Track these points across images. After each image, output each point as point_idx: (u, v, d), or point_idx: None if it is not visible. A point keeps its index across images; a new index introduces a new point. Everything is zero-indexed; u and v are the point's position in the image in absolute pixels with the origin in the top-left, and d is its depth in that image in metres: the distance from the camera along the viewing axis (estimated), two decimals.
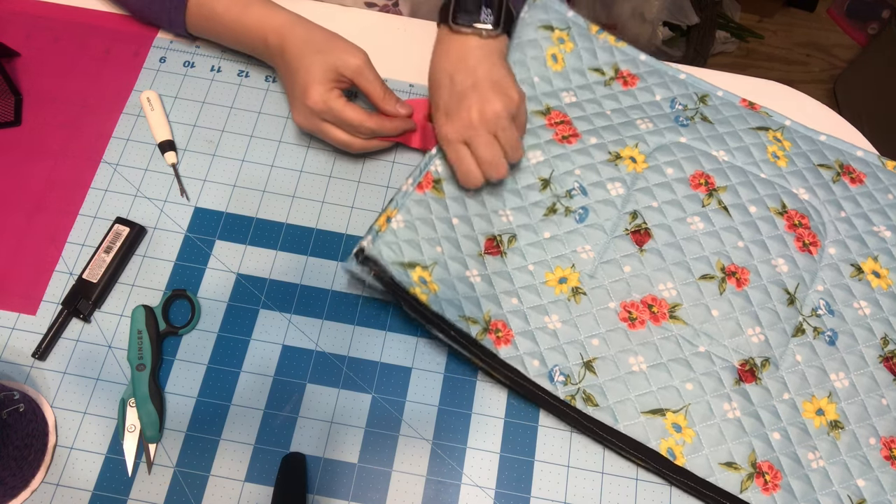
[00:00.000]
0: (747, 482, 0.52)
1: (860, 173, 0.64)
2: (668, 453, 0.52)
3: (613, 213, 0.60)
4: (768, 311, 0.57)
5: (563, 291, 0.57)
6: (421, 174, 0.59)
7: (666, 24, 1.62)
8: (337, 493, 0.52)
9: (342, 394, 0.55)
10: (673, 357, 0.55)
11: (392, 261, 0.54)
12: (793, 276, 0.59)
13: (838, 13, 1.87)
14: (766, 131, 0.65)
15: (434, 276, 0.55)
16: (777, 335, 0.56)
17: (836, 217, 0.62)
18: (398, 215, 0.56)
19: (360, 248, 0.54)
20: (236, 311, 0.57)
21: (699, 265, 0.58)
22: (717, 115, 0.65)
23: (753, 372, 0.55)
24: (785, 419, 0.54)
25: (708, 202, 0.60)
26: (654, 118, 0.64)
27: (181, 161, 0.62)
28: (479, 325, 0.54)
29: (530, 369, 0.54)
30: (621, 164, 0.61)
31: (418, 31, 0.70)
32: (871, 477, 0.53)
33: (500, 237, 0.58)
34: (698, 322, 0.56)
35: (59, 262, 0.58)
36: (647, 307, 0.56)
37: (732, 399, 0.54)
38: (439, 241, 0.57)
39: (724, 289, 0.57)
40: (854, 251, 0.61)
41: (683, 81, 0.67)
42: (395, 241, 0.55)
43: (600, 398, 0.53)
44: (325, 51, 0.57)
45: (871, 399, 0.56)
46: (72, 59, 0.66)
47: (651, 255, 0.58)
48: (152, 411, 0.52)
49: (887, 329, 0.58)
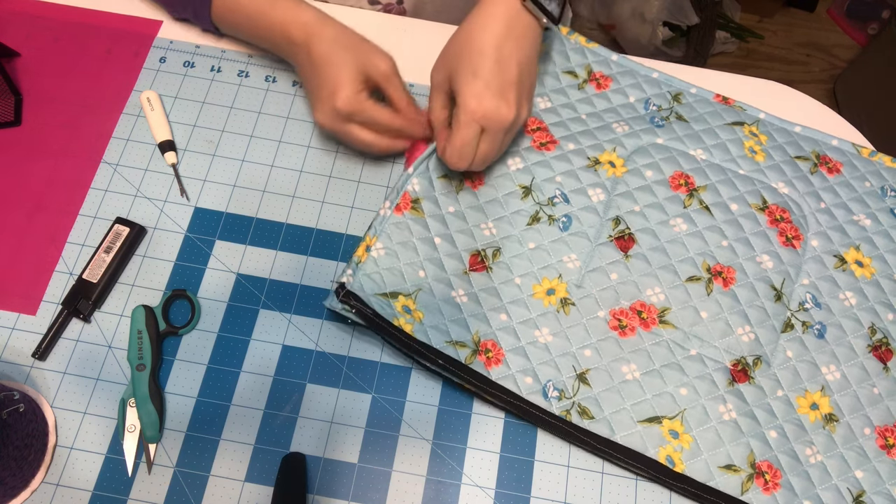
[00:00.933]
0: (748, 483, 0.52)
1: (837, 162, 0.65)
2: (666, 461, 0.52)
3: (596, 220, 0.59)
4: (756, 309, 0.57)
5: (551, 303, 0.56)
6: (398, 195, 0.58)
7: (666, 24, 1.62)
8: (337, 493, 0.52)
9: (342, 394, 0.55)
10: (665, 362, 0.55)
11: (374, 293, 0.54)
12: (778, 272, 0.59)
13: (838, 13, 1.87)
14: (742, 126, 0.65)
15: (418, 302, 0.54)
16: (766, 332, 0.57)
17: (817, 209, 0.62)
18: (377, 243, 0.56)
19: (341, 284, 0.53)
20: (236, 311, 0.57)
21: (685, 267, 0.58)
22: (692, 113, 0.65)
23: (746, 371, 0.55)
24: (780, 416, 0.54)
25: (689, 203, 0.60)
26: (630, 120, 0.64)
27: (181, 161, 0.62)
28: (468, 347, 0.54)
29: (523, 387, 0.53)
30: (600, 169, 0.61)
31: (418, 31, 0.70)
32: (868, 467, 0.54)
33: (484, 252, 0.58)
34: (688, 325, 0.56)
35: (59, 262, 0.58)
36: (636, 313, 0.56)
37: (727, 400, 0.54)
38: (422, 264, 0.56)
39: (712, 289, 0.57)
40: (836, 242, 0.61)
41: (657, 80, 0.67)
42: (376, 270, 0.55)
43: (595, 410, 0.53)
44: (355, 52, 0.56)
45: (863, 389, 0.56)
46: (72, 59, 0.66)
47: (637, 261, 0.58)
48: (152, 411, 0.52)
49: (874, 318, 0.58)
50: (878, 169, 0.65)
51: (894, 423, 0.55)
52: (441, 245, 0.57)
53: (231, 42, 0.68)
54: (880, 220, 0.63)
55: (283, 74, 0.67)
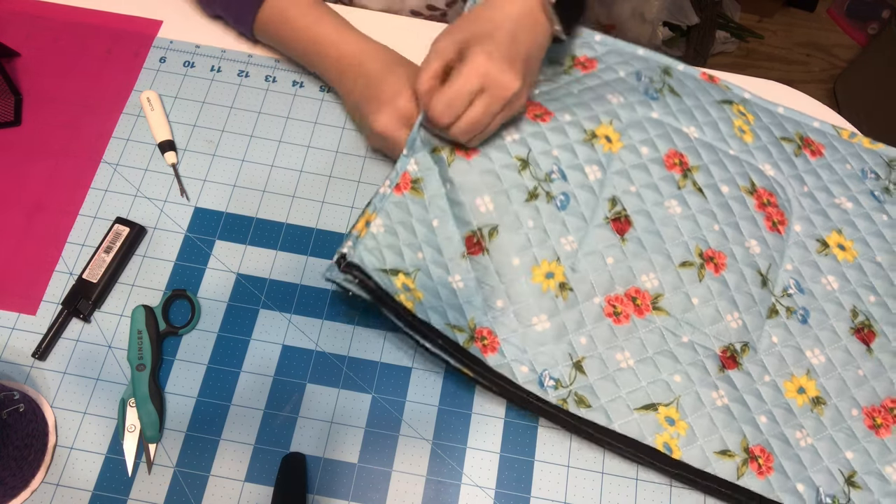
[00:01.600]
0: (742, 468, 0.52)
1: (819, 145, 0.65)
2: (664, 448, 0.52)
3: (591, 199, 0.58)
4: (744, 295, 0.57)
5: (550, 287, 0.55)
6: (398, 175, 0.56)
7: (666, 24, 1.62)
8: (337, 493, 0.52)
9: (342, 394, 0.55)
10: (658, 350, 0.55)
11: (374, 267, 0.52)
12: (764, 257, 0.59)
13: (838, 13, 1.87)
14: (731, 105, 0.65)
15: (417, 283, 0.54)
16: (753, 318, 0.57)
17: (800, 192, 0.62)
18: (377, 219, 0.54)
19: (342, 254, 0.51)
20: (236, 311, 0.57)
21: (678, 251, 0.58)
22: (683, 88, 0.65)
23: (734, 358, 0.56)
24: (769, 401, 0.55)
25: (683, 184, 0.60)
26: (624, 92, 0.63)
27: (181, 161, 0.62)
28: (465, 332, 0.53)
29: (519, 375, 0.53)
30: (597, 143, 0.60)
31: (420, 31, 0.70)
32: (858, 448, 0.54)
33: (480, 231, 0.56)
34: (680, 311, 0.56)
35: (59, 262, 0.58)
36: (630, 300, 0.56)
37: (719, 387, 0.54)
38: (420, 246, 0.55)
39: (703, 275, 0.57)
40: (819, 226, 0.61)
41: (643, 57, 0.66)
42: (376, 246, 0.53)
43: (592, 399, 0.53)
44: (406, 67, 0.59)
45: (848, 371, 0.57)
46: (72, 59, 0.66)
47: (632, 244, 0.57)
48: (152, 411, 0.52)
49: (855, 301, 0.59)
50: (857, 151, 0.65)
51: (881, 403, 0.56)
52: (438, 228, 0.56)
53: (231, 42, 0.68)
54: (861, 203, 0.63)
55: (283, 74, 0.67)
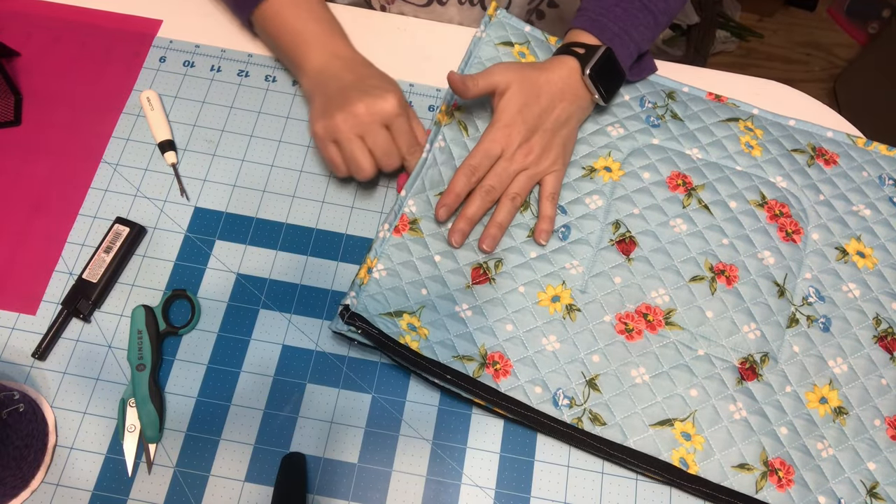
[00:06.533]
0: (762, 481, 0.52)
1: (833, 154, 0.65)
2: (680, 463, 0.52)
3: (597, 225, 0.59)
4: (760, 306, 0.57)
5: (557, 310, 0.56)
6: (396, 217, 0.58)
7: None
8: (337, 493, 0.52)
9: (342, 394, 0.55)
10: (674, 364, 0.55)
11: (378, 312, 0.54)
12: (780, 268, 0.59)
13: (838, 12, 1.87)
14: (737, 122, 0.65)
15: (423, 319, 0.55)
16: (772, 329, 0.56)
17: (816, 201, 0.62)
18: (379, 264, 0.56)
19: (345, 305, 0.53)
20: (236, 311, 0.57)
21: (688, 267, 0.58)
22: (687, 111, 0.65)
23: (754, 369, 0.55)
24: (790, 412, 0.54)
25: (688, 202, 0.60)
26: (625, 121, 0.64)
27: (181, 161, 0.62)
28: (475, 361, 0.54)
29: (532, 397, 0.53)
30: (596, 176, 0.61)
31: (419, 31, 0.70)
32: (880, 458, 0.54)
33: (486, 264, 0.57)
34: (694, 325, 0.56)
35: (58, 262, 0.58)
36: (642, 316, 0.56)
37: (737, 399, 0.54)
38: (424, 282, 0.56)
39: (715, 288, 0.57)
40: (837, 234, 0.61)
41: (649, 81, 0.67)
42: (378, 291, 0.55)
43: (607, 416, 0.53)
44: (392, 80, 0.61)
45: (871, 380, 0.56)
46: (72, 59, 0.66)
47: (639, 263, 0.58)
48: (152, 411, 0.52)
49: (878, 308, 0.58)
50: (874, 158, 0.65)
51: None
52: (441, 262, 0.57)
53: (231, 42, 0.68)
54: (880, 210, 0.62)
55: (283, 74, 0.67)
